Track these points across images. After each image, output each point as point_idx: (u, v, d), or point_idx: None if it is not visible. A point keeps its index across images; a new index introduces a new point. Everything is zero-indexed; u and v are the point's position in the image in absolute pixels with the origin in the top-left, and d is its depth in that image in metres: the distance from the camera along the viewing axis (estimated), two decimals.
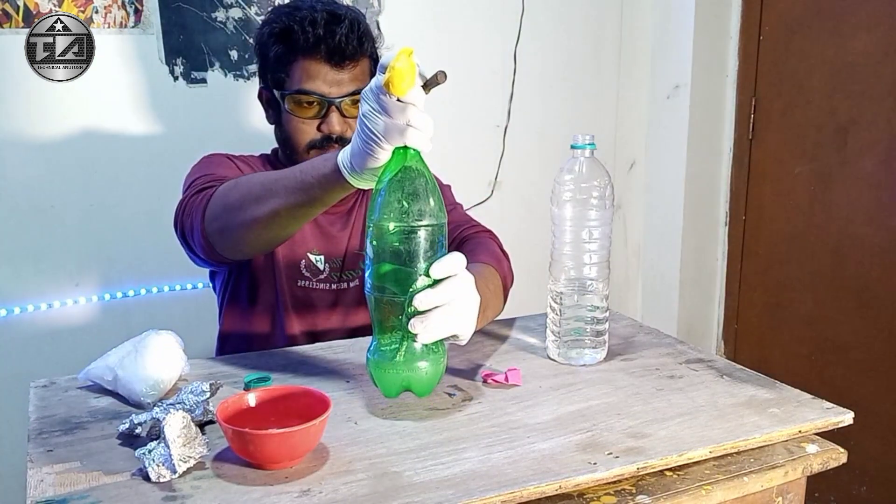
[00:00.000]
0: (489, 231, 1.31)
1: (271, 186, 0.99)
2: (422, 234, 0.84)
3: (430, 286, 0.84)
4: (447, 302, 0.84)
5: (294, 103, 1.21)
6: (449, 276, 0.85)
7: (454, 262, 0.85)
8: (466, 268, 0.88)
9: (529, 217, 2.26)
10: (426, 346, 0.87)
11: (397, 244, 0.84)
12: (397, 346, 0.87)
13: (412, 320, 0.84)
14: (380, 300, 0.86)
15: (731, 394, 0.97)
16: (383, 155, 0.83)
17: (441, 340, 0.88)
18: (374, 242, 0.85)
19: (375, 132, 0.82)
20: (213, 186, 1.12)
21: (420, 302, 0.83)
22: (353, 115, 1.21)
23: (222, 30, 1.83)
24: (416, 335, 0.84)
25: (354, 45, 1.18)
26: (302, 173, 0.95)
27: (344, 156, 0.87)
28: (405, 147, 0.83)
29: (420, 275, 0.84)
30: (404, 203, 0.83)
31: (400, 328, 0.86)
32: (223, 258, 1.15)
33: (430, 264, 0.84)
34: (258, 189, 1.00)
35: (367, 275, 0.87)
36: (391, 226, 0.83)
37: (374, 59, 1.26)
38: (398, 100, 0.79)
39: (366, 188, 0.88)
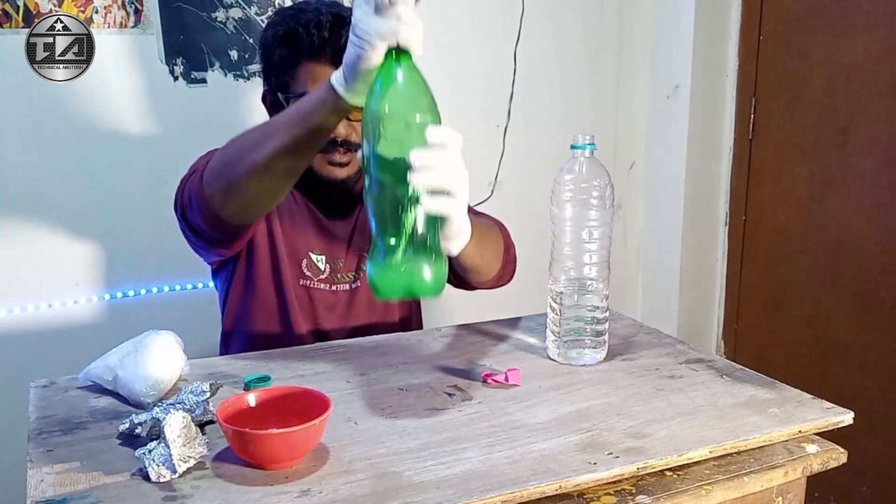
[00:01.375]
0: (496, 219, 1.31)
1: (268, 128, 0.98)
2: (418, 128, 0.81)
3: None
4: (441, 161, 0.81)
5: None
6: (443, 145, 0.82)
7: (450, 133, 0.82)
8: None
9: (529, 217, 2.25)
10: (427, 245, 0.83)
11: (395, 137, 0.81)
12: (398, 243, 0.83)
13: (411, 174, 0.79)
14: (379, 195, 0.83)
15: (731, 394, 0.97)
16: (374, 56, 0.81)
17: (438, 241, 0.85)
18: (371, 138, 0.82)
19: (367, 31, 0.80)
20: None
21: (415, 156, 0.79)
22: (358, 118, 1.20)
23: (222, 30, 1.83)
24: (417, 196, 0.80)
25: None
26: (297, 106, 0.95)
27: (337, 73, 0.87)
28: (396, 55, 0.81)
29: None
30: (400, 98, 0.81)
31: (400, 224, 0.82)
32: (225, 228, 1.12)
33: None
34: (255, 135, 1.00)
35: (365, 173, 0.83)
36: (388, 120, 0.81)
37: None
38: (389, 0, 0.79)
39: (358, 105, 0.86)
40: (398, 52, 0.82)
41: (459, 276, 1.20)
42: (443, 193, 0.82)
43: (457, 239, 0.91)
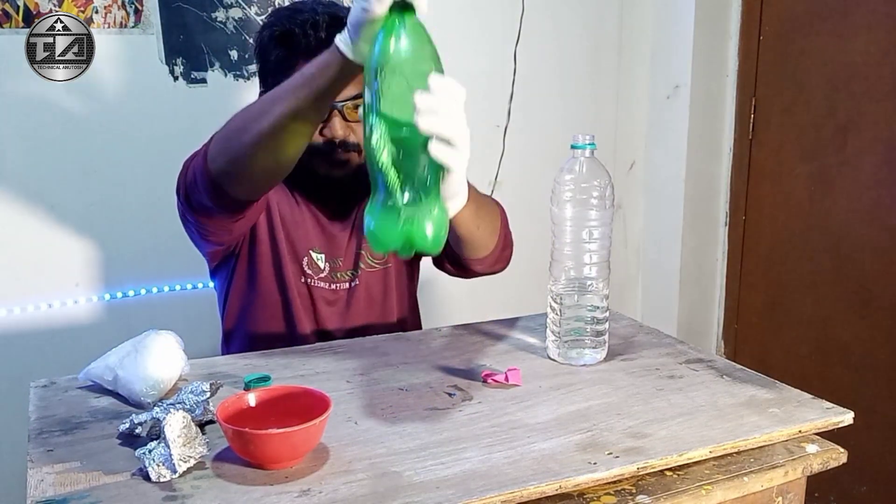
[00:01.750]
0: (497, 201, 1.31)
1: (273, 96, 0.98)
2: (422, 77, 0.80)
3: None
4: (445, 107, 0.80)
5: None
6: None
7: (454, 83, 0.82)
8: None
9: (529, 217, 2.25)
10: (428, 194, 0.82)
11: (398, 84, 0.80)
12: (398, 190, 0.81)
13: (417, 100, 0.78)
14: (380, 143, 0.81)
15: (731, 394, 0.97)
16: (379, 7, 0.80)
17: (439, 191, 0.83)
18: (373, 86, 0.81)
19: None
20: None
21: (420, 99, 0.78)
22: (356, 119, 1.20)
23: (222, 30, 1.83)
24: (418, 135, 0.79)
25: None
26: (301, 72, 0.94)
27: (341, 34, 0.87)
28: (401, 10, 0.81)
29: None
30: (403, 47, 0.81)
31: (400, 171, 0.81)
32: (231, 205, 1.10)
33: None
34: (260, 104, 0.99)
35: (365, 122, 0.82)
36: (391, 67, 0.80)
37: None
38: None
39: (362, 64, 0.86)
40: (403, 9, 0.81)
41: (456, 260, 1.19)
42: (446, 143, 0.81)
43: (454, 199, 0.90)
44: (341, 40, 0.87)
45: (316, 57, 0.93)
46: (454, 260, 1.22)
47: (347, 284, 1.31)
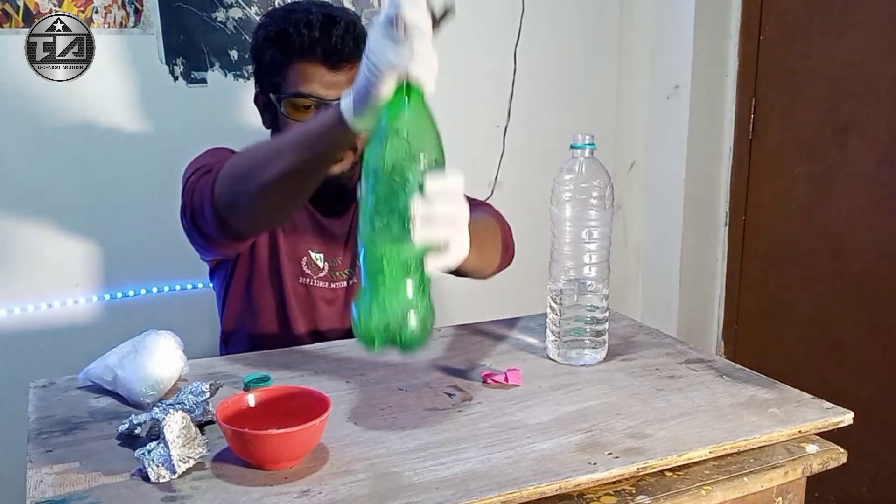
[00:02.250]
0: (489, 205, 1.31)
1: (277, 147, 0.98)
2: (422, 171, 0.79)
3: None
4: (441, 215, 0.79)
5: (290, 107, 1.20)
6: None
7: (450, 181, 0.80)
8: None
9: (529, 217, 2.25)
10: (415, 296, 0.81)
11: (397, 181, 0.79)
12: (387, 295, 0.80)
13: (413, 210, 0.77)
14: (372, 241, 0.80)
15: (731, 394, 0.97)
16: (384, 87, 0.80)
17: (429, 292, 0.83)
18: (370, 181, 0.80)
19: (379, 60, 0.79)
20: (219, 167, 1.10)
21: (416, 209, 0.77)
22: None
23: (222, 30, 1.83)
24: (413, 232, 0.78)
25: (350, 46, 1.18)
26: (306, 127, 0.94)
27: (346, 98, 0.86)
28: (407, 90, 0.80)
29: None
30: (406, 139, 0.79)
31: (392, 274, 0.80)
32: (236, 236, 1.12)
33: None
34: (265, 152, 1.00)
35: (362, 214, 0.82)
36: (391, 162, 0.79)
37: None
38: (405, 32, 0.77)
39: (365, 133, 0.85)
40: (409, 86, 0.80)
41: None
42: (441, 248, 0.80)
43: (454, 265, 0.90)
44: (346, 106, 0.86)
45: (319, 115, 0.93)
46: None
47: (345, 283, 1.31)
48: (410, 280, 0.81)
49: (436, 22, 0.80)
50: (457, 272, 1.19)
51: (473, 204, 1.23)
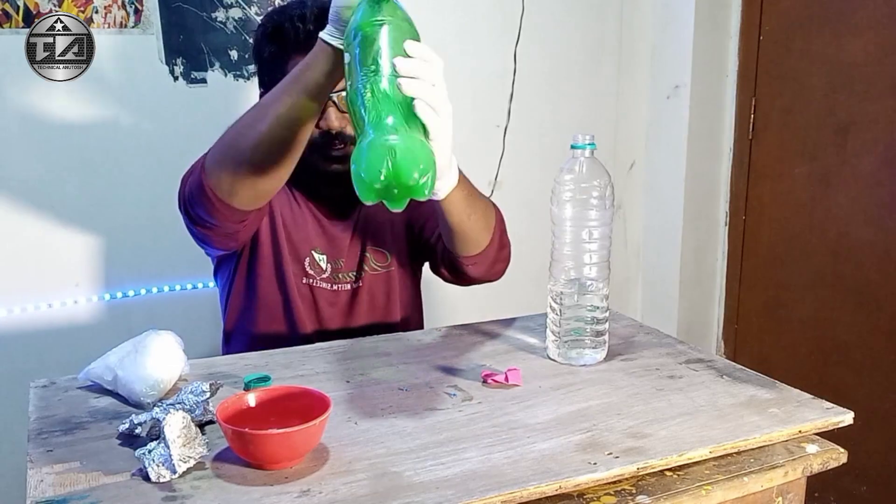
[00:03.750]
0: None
1: (267, 98, 0.99)
2: (401, 32, 0.82)
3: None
4: (425, 72, 0.82)
5: None
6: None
7: (431, 51, 0.84)
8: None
9: (529, 217, 2.25)
10: (412, 130, 0.80)
11: (376, 42, 0.81)
12: (383, 126, 0.79)
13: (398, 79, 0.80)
14: (362, 92, 0.80)
15: (731, 394, 0.97)
16: None
17: (426, 135, 0.82)
18: (357, 51, 0.82)
19: None
20: None
21: (401, 64, 0.80)
22: None
23: (222, 30, 1.83)
24: (401, 86, 0.80)
25: None
26: (292, 71, 0.97)
27: (326, 28, 0.90)
28: None
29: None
30: (381, 12, 0.82)
31: (386, 110, 0.80)
32: (231, 217, 1.09)
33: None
34: (255, 109, 1.01)
35: (348, 84, 0.83)
36: (370, 24, 0.81)
37: None
38: None
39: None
40: None
41: (451, 261, 1.20)
42: (429, 107, 0.82)
43: (443, 178, 0.91)
44: (326, 32, 0.90)
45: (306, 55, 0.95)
46: (450, 262, 1.22)
47: (349, 286, 1.31)
48: (404, 117, 0.80)
49: None
50: (453, 267, 1.19)
51: None
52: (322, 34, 0.91)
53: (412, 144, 0.78)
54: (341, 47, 0.88)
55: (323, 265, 1.30)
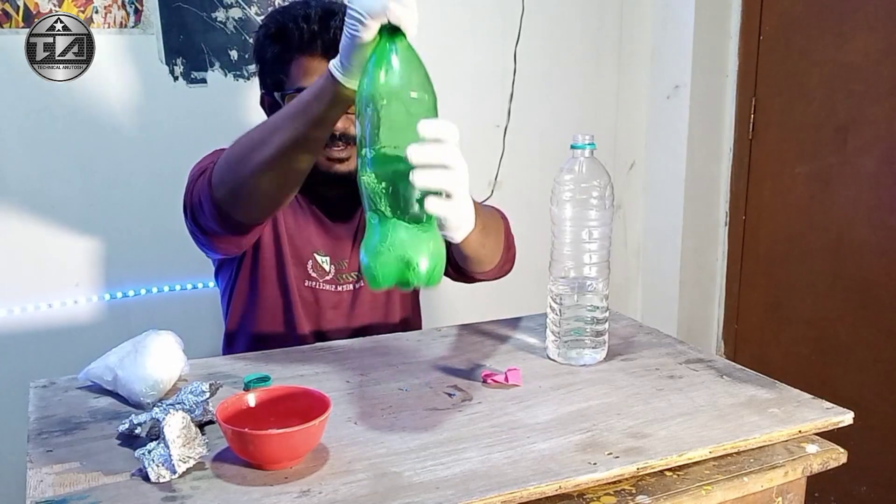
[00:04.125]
0: (491, 205, 1.30)
1: (271, 124, 0.98)
2: (413, 105, 0.79)
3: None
4: (438, 158, 0.79)
5: None
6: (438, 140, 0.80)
7: (446, 126, 0.80)
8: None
9: (529, 217, 2.25)
10: (422, 226, 0.80)
11: (387, 118, 0.79)
12: (392, 227, 0.79)
13: (409, 154, 0.77)
14: (373, 178, 0.80)
15: (731, 394, 0.97)
16: (366, 34, 0.80)
17: (435, 225, 0.82)
18: (364, 119, 0.80)
19: (358, 9, 0.80)
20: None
21: (412, 151, 0.77)
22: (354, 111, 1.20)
23: (222, 30, 1.83)
24: (413, 179, 0.78)
25: None
26: (298, 98, 0.95)
27: (334, 59, 0.87)
28: (391, 36, 0.80)
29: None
30: (392, 77, 0.79)
31: (395, 207, 0.80)
32: (237, 228, 1.10)
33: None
34: (260, 132, 1.00)
35: (359, 158, 0.82)
36: (380, 99, 0.79)
37: None
38: None
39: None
40: (392, 33, 0.81)
41: (459, 268, 1.20)
42: (440, 194, 0.80)
43: (458, 230, 0.89)
44: (334, 65, 0.87)
45: (311, 84, 0.93)
46: (456, 265, 1.22)
47: (352, 286, 1.31)
48: (414, 213, 0.80)
49: None
50: (459, 269, 1.19)
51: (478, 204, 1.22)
52: (332, 66, 0.87)
53: (424, 247, 0.79)
54: (348, 84, 0.86)
55: (326, 267, 1.29)
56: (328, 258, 1.29)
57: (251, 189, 1.02)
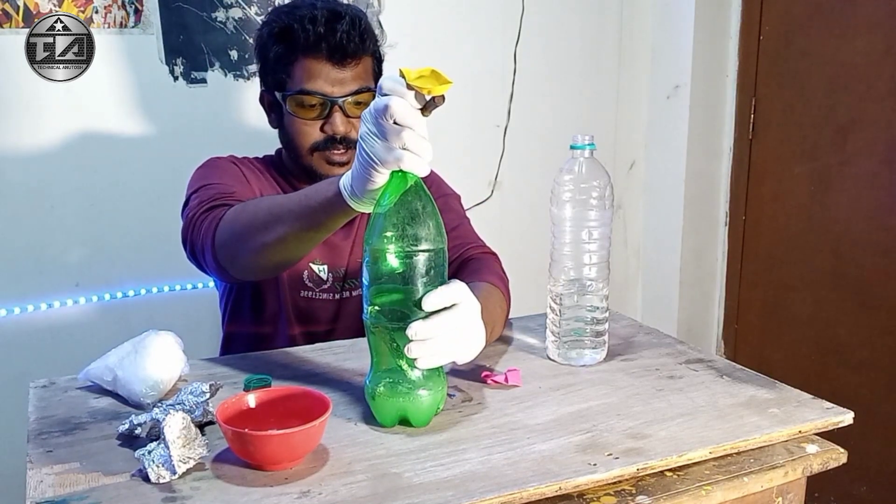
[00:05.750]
0: (493, 253, 1.27)
1: (277, 212, 0.97)
2: (419, 260, 0.82)
3: (424, 317, 0.82)
4: (442, 334, 0.82)
5: (296, 104, 1.20)
6: (445, 308, 0.83)
7: (449, 294, 0.83)
8: (471, 287, 0.87)
9: (529, 217, 2.26)
10: (425, 374, 0.85)
11: (394, 269, 0.82)
12: (395, 374, 0.85)
13: (409, 344, 0.82)
14: (377, 327, 0.84)
15: (731, 394, 0.97)
16: (380, 178, 0.81)
17: (441, 368, 0.87)
18: (371, 267, 0.83)
19: (371, 155, 0.79)
20: (220, 205, 1.10)
21: (413, 332, 0.81)
22: (357, 114, 1.19)
23: (222, 30, 1.83)
24: (414, 360, 0.82)
25: (356, 42, 1.17)
26: (307, 198, 0.93)
27: (345, 179, 0.86)
28: (402, 176, 0.81)
29: (417, 300, 0.82)
30: (401, 227, 0.81)
31: (397, 356, 0.84)
32: (235, 279, 1.16)
33: (427, 292, 0.82)
34: (264, 215, 0.99)
35: (364, 301, 0.85)
36: (388, 250, 0.82)
37: (377, 58, 1.25)
38: (395, 123, 0.77)
39: (367, 212, 0.86)
40: (404, 172, 0.81)
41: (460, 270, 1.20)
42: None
43: (469, 358, 0.91)
44: (344, 186, 0.86)
45: (320, 186, 0.92)
46: (458, 268, 1.22)
47: (350, 293, 1.30)
48: (415, 369, 0.85)
49: (425, 109, 0.79)
50: None
51: (476, 258, 1.22)
52: (342, 185, 0.86)
53: (422, 396, 0.86)
54: (358, 209, 0.86)
55: (323, 276, 1.28)
56: (325, 266, 1.28)
57: (251, 262, 1.05)
